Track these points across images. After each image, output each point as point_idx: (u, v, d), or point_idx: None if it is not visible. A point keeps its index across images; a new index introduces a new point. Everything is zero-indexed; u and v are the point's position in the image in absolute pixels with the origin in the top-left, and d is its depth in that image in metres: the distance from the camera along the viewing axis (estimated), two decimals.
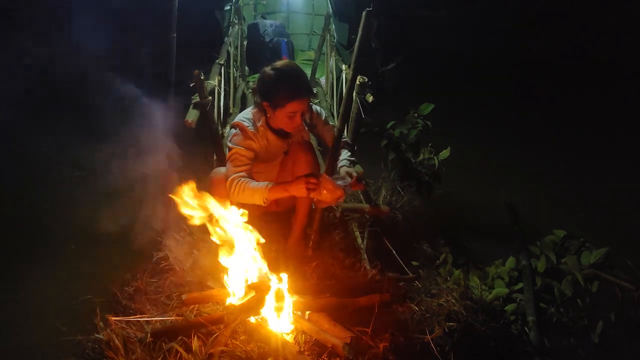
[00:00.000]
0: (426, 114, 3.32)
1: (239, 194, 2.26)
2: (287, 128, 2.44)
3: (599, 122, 5.36)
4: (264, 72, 2.39)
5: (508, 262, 2.71)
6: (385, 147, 3.42)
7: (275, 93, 2.33)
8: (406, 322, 2.20)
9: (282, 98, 2.32)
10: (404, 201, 3.33)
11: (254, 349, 1.95)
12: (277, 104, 2.34)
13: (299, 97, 2.33)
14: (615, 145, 4.92)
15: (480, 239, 3.23)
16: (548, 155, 4.76)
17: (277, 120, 2.41)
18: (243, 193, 2.25)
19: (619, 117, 5.47)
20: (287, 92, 2.31)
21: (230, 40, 3.84)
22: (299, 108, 2.35)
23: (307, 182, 2.18)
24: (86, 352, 2.03)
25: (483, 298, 2.51)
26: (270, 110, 2.39)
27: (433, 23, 7.47)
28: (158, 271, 2.54)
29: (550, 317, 2.48)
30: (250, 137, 2.39)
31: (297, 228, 2.63)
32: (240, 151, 2.35)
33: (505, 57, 6.78)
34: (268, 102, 2.37)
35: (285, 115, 2.36)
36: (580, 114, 5.59)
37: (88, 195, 3.21)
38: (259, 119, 2.45)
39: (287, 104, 2.32)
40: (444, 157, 3.32)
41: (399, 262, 2.69)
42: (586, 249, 2.58)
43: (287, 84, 2.33)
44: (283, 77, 2.34)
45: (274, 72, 2.35)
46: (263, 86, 2.39)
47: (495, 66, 6.60)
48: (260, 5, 6.57)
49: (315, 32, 5.70)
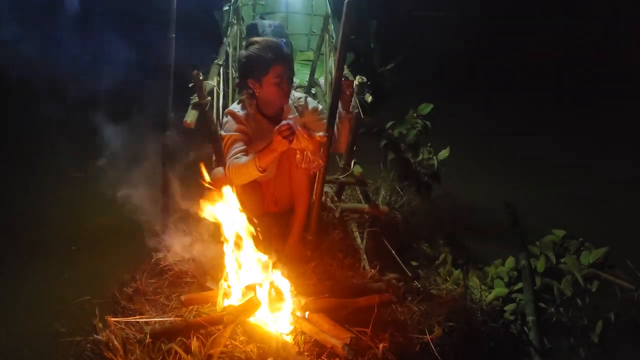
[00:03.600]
0: (425, 114, 3.32)
1: (236, 175, 2.27)
2: (278, 99, 2.47)
3: (599, 122, 5.36)
4: (240, 55, 2.50)
5: (507, 262, 2.71)
6: (385, 147, 3.42)
7: (255, 62, 2.40)
8: (406, 322, 2.20)
9: (264, 64, 2.38)
10: (403, 201, 3.33)
11: (253, 349, 1.95)
12: (260, 73, 2.39)
13: (280, 59, 2.40)
14: (615, 144, 4.91)
15: (480, 239, 3.23)
16: (548, 155, 4.75)
17: (266, 94, 2.45)
18: (239, 172, 2.26)
19: (619, 117, 5.46)
20: (266, 56, 2.38)
21: (229, 40, 3.83)
22: (282, 71, 2.40)
23: (279, 131, 2.13)
24: (85, 353, 2.02)
25: (482, 298, 2.51)
26: (257, 85, 2.43)
27: (433, 23, 7.47)
28: (157, 272, 2.54)
29: (549, 317, 2.48)
30: (241, 122, 2.43)
31: (296, 229, 2.62)
32: (233, 136, 2.38)
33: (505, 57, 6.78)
34: (252, 76, 2.42)
35: (272, 84, 2.40)
36: (581, 114, 5.59)
37: (88, 196, 3.20)
38: (250, 104, 2.50)
39: (270, 69, 2.37)
40: (444, 157, 3.32)
41: (398, 262, 2.69)
42: (586, 249, 2.58)
43: (264, 49, 2.40)
44: (258, 46, 2.42)
45: (248, 47, 2.45)
46: (242, 65, 2.47)
47: (495, 66, 6.60)
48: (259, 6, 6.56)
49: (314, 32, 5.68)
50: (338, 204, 2.91)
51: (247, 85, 2.47)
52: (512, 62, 6.70)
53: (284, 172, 2.59)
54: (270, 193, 2.70)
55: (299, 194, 2.56)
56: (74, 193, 3.38)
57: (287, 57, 2.46)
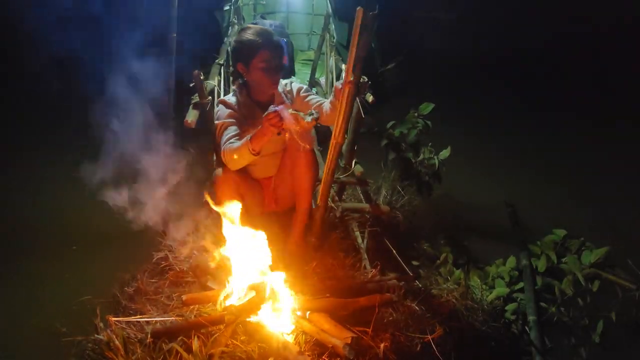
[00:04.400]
0: (426, 113, 3.32)
1: (231, 160, 2.33)
2: (266, 84, 2.51)
3: (600, 122, 5.36)
4: (230, 43, 2.58)
5: (509, 262, 2.71)
6: (386, 147, 3.42)
7: (244, 46, 2.45)
8: (407, 322, 2.19)
9: (252, 48, 2.43)
10: (404, 201, 3.33)
11: (254, 349, 1.95)
12: (248, 56, 2.44)
13: (268, 44, 2.44)
14: (615, 144, 4.91)
15: (481, 239, 3.23)
16: (549, 154, 4.75)
17: (254, 79, 2.50)
18: (233, 157, 2.32)
19: (620, 116, 5.46)
20: (255, 40, 2.44)
21: (230, 40, 3.83)
22: (269, 56, 2.44)
23: (267, 119, 2.18)
24: (86, 352, 2.02)
25: (483, 298, 2.51)
26: (245, 70, 2.49)
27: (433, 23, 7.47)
28: (158, 272, 2.54)
29: (551, 317, 2.48)
30: (232, 108, 2.51)
31: (297, 228, 2.62)
32: (225, 123, 2.46)
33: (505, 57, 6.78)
34: (241, 60, 2.48)
35: (259, 68, 2.45)
36: (581, 113, 5.59)
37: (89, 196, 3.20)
38: (241, 92, 2.58)
39: (257, 53, 2.42)
40: (444, 157, 3.32)
41: (399, 262, 2.69)
42: (587, 249, 2.58)
43: (253, 34, 2.46)
44: (250, 31, 2.48)
45: (238, 34, 2.53)
46: (233, 49, 2.53)
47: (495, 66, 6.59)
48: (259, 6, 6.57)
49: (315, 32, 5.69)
50: (339, 204, 2.91)
51: (238, 71, 2.53)
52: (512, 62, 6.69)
53: (285, 170, 2.59)
54: (271, 192, 2.70)
55: (300, 193, 2.56)
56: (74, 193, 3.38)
57: (275, 44, 2.48)
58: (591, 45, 6.91)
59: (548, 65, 6.92)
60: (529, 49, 7.02)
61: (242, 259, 2.18)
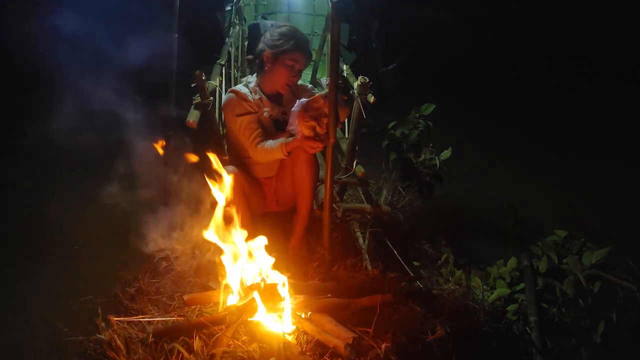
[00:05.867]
0: (427, 114, 3.32)
1: (263, 156, 2.49)
2: (283, 81, 2.57)
3: (600, 122, 5.36)
4: (270, 28, 2.69)
5: (509, 263, 2.71)
6: (387, 147, 3.43)
7: (283, 38, 2.52)
8: (408, 322, 2.19)
9: (290, 44, 2.50)
10: (405, 201, 3.33)
11: (255, 349, 1.95)
12: (281, 50, 2.51)
13: (305, 51, 2.56)
14: (615, 144, 4.91)
15: (482, 239, 3.23)
16: (549, 155, 4.75)
17: (275, 71, 2.56)
18: (266, 154, 2.47)
19: (619, 117, 5.46)
20: (296, 39, 2.53)
21: (231, 40, 3.83)
22: (300, 59, 2.54)
23: (309, 145, 2.35)
24: (88, 352, 2.02)
25: (485, 298, 2.51)
26: (271, 61, 2.55)
27: (433, 23, 7.48)
28: (159, 272, 2.53)
29: (552, 318, 2.48)
30: (247, 100, 2.56)
31: (298, 228, 2.62)
32: (246, 119, 2.52)
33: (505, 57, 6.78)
34: (272, 49, 2.53)
35: (285, 65, 2.52)
36: (581, 114, 5.59)
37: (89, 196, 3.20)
38: (254, 83, 2.64)
39: (291, 51, 2.50)
40: (445, 158, 3.33)
41: (400, 262, 2.69)
42: (587, 249, 2.58)
43: (296, 35, 2.56)
44: (293, 30, 2.59)
45: (283, 26, 2.61)
46: (269, 37, 2.58)
47: (495, 66, 6.60)
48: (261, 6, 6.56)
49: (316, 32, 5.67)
50: (340, 204, 2.91)
51: (262, 56, 2.57)
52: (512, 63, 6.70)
53: (285, 171, 2.59)
54: (272, 192, 2.71)
55: (301, 193, 2.56)
56: (75, 193, 3.38)
57: (308, 52, 2.61)
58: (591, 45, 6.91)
59: (548, 65, 6.93)
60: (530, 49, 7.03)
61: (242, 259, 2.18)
